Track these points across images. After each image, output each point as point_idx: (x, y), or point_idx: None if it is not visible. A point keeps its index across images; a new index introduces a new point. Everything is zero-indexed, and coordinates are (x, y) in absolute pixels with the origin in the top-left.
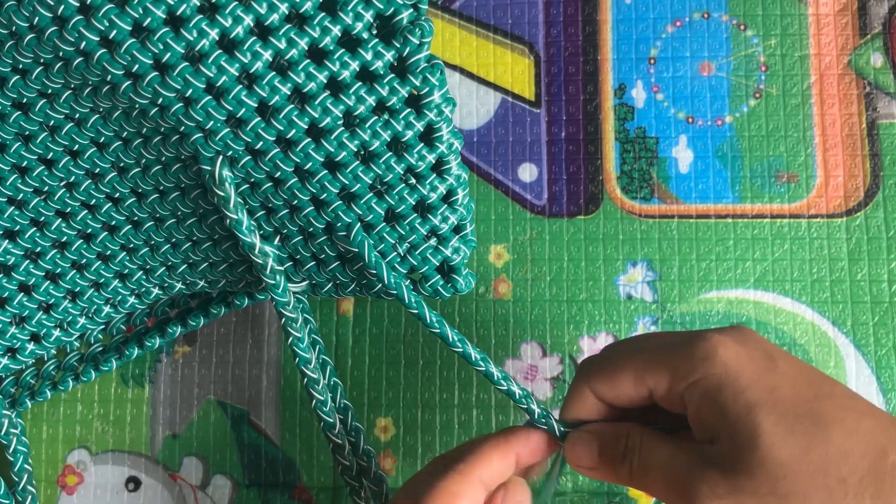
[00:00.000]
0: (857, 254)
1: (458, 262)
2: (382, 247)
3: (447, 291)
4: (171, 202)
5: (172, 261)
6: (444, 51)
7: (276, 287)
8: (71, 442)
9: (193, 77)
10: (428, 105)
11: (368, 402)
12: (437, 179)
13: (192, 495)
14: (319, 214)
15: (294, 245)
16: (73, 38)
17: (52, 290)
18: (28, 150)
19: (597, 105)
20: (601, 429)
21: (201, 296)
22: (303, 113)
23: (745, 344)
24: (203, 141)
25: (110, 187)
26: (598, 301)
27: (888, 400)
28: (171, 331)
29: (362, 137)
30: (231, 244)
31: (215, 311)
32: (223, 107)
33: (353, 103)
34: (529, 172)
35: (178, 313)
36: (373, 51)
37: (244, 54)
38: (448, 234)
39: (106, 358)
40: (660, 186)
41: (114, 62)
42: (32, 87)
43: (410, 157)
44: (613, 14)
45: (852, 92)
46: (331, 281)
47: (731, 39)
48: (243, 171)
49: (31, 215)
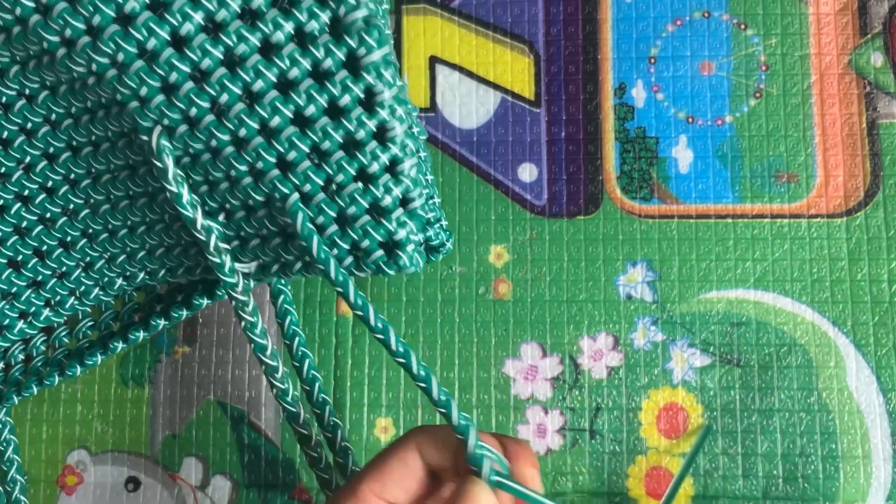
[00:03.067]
0: (858, 254)
1: (404, 237)
2: (322, 220)
3: (390, 269)
4: (123, 182)
5: (131, 246)
6: (443, 50)
7: (222, 266)
8: (71, 442)
9: (124, 41)
10: (366, 67)
11: (368, 403)
12: (379, 148)
13: (192, 495)
14: (258, 186)
15: (238, 221)
16: (9, 4)
17: (14, 279)
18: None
19: (597, 105)
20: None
21: (187, 289)
22: (235, 77)
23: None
24: (140, 110)
25: (66, 168)
26: (598, 301)
27: (888, 400)
28: (155, 323)
29: (296, 101)
30: (182, 225)
31: (197, 303)
32: (155, 72)
33: (286, 66)
34: (529, 172)
35: (163, 308)
36: (307, 11)
37: (174, 16)
38: (391, 207)
39: (91, 352)
40: (660, 186)
41: (48, 28)
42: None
43: (349, 123)
44: (613, 13)
45: (852, 92)
46: (276, 261)
47: (731, 39)
48: (182, 142)
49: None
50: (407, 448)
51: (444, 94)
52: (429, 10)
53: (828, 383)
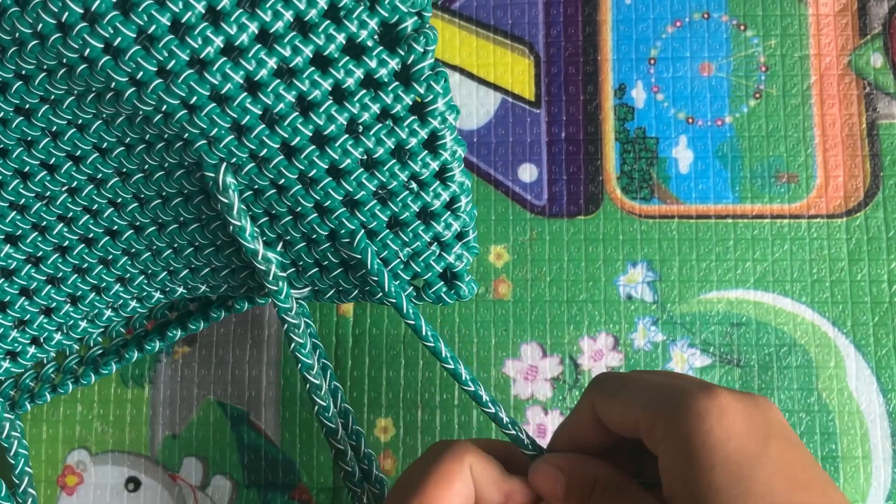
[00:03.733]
0: (857, 254)
1: (462, 268)
2: (386, 254)
3: (450, 298)
4: (174, 208)
5: (174, 265)
6: (444, 51)
7: (279, 293)
8: (71, 442)
9: (198, 84)
10: (432, 113)
11: (368, 403)
12: (440, 187)
13: (192, 496)
14: (323, 221)
15: (297, 251)
16: (76, 45)
17: (54, 294)
18: (30, 155)
19: (597, 105)
20: (568, 464)
21: (201, 299)
22: (307, 120)
23: (748, 417)
24: (207, 148)
25: (112, 192)
26: (598, 301)
27: (888, 400)
28: (171, 334)
29: (366, 145)
30: (233, 250)
31: (215, 315)
32: (227, 114)
33: (357, 111)
34: (529, 173)
35: (177, 316)
36: (377, 58)
37: (249, 62)
38: (451, 241)
39: (105, 361)
40: (660, 187)
41: (118, 69)
42: (35, 92)
43: (414, 165)
44: (613, 14)
45: (852, 92)
46: (333, 287)
47: (731, 40)
48: (247, 178)
49: (33, 220)
50: (461, 467)
51: None
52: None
53: (828, 384)
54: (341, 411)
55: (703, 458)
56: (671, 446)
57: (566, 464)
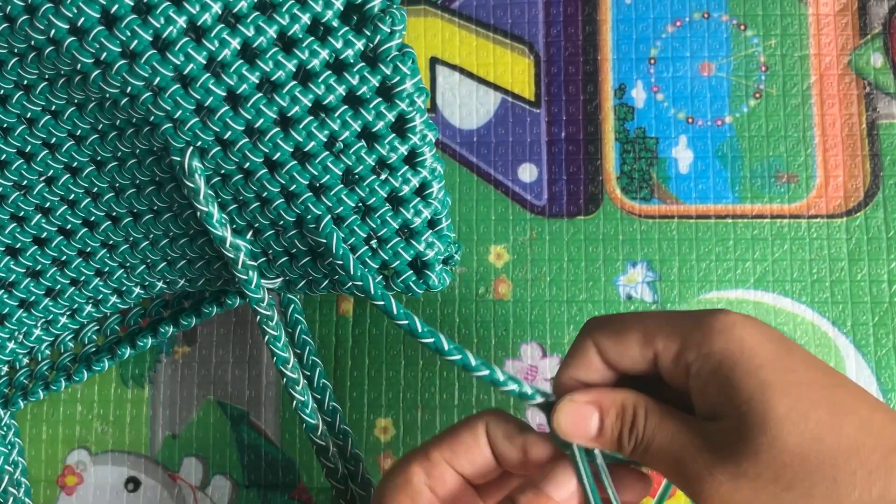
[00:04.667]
0: (857, 254)
1: (432, 257)
2: (353, 241)
3: (419, 288)
4: (148, 196)
5: (151, 258)
6: (443, 50)
7: (249, 283)
8: (71, 442)
9: (161, 65)
10: (399, 94)
11: (368, 403)
12: (409, 172)
13: (192, 496)
14: (290, 207)
15: (266, 239)
16: (42, 25)
17: (33, 288)
18: (6, 143)
19: (597, 105)
20: (601, 397)
21: (195, 296)
22: (271, 102)
23: (759, 325)
24: (172, 131)
25: (88, 182)
26: (598, 301)
27: (888, 400)
28: (164, 331)
29: (331, 127)
30: (206, 240)
31: (207, 311)
32: (191, 95)
33: (322, 92)
34: (529, 172)
35: (171, 313)
36: (343, 39)
37: (212, 42)
38: (421, 229)
39: (98, 358)
40: (660, 187)
41: (83, 50)
42: (8, 77)
43: (381, 148)
44: (613, 14)
45: (852, 92)
46: (303, 277)
47: (731, 39)
48: (213, 163)
49: (11, 210)
50: (477, 424)
51: (444, 95)
52: (429, 11)
53: None
54: (329, 410)
55: (746, 361)
56: (708, 363)
57: (597, 396)
